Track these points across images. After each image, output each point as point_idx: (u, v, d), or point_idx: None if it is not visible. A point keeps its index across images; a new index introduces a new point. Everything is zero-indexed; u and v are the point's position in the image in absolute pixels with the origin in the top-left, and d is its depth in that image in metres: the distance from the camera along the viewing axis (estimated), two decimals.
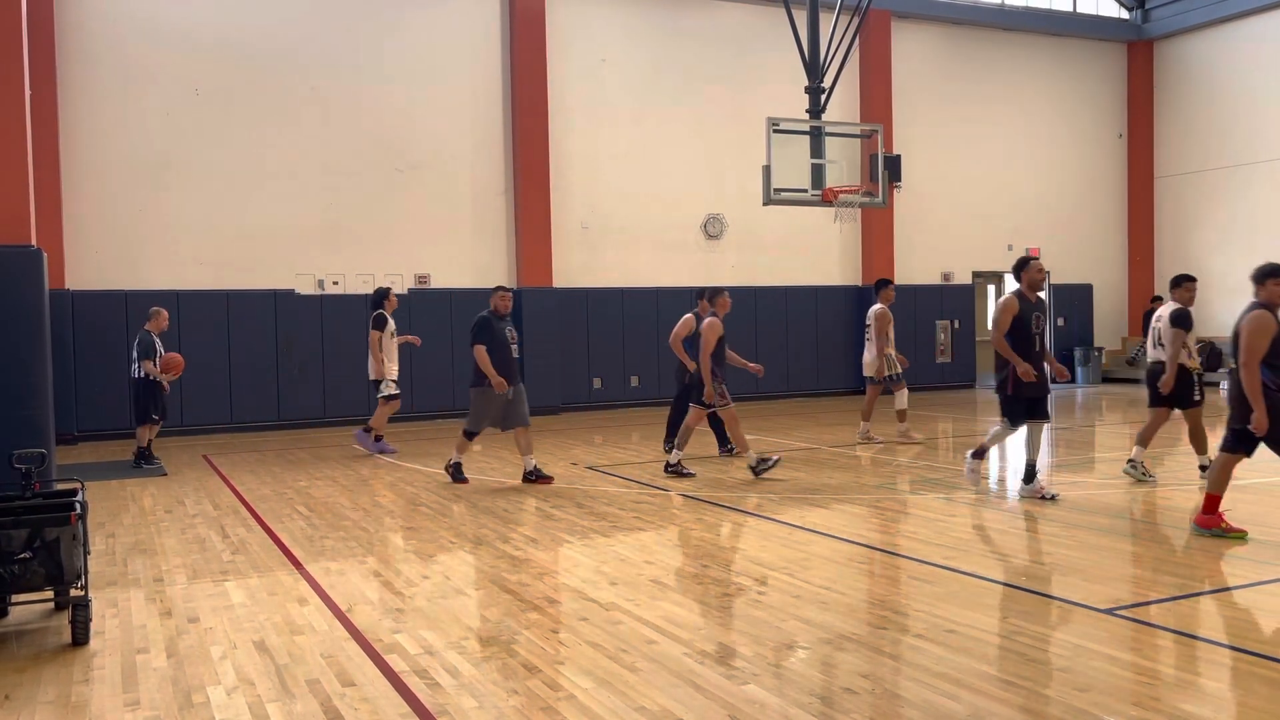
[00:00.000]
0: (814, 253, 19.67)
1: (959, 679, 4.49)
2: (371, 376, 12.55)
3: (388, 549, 7.39)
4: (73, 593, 5.40)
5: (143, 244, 15.19)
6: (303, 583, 6.47)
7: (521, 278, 17.19)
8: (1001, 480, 10.30)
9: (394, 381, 12.49)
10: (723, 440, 11.62)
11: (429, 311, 16.63)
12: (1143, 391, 10.03)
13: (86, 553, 5.53)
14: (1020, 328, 8.53)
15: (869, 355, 12.72)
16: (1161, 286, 22.45)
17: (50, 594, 5.51)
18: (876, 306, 12.67)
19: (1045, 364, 8.84)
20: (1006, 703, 4.20)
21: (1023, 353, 8.50)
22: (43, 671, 4.91)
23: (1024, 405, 8.61)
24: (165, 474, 11.40)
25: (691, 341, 11.04)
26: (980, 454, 9.02)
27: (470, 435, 10.15)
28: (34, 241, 10.02)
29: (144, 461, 11.88)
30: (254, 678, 4.74)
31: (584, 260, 17.83)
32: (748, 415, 16.33)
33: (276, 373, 15.66)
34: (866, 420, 12.84)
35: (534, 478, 10.05)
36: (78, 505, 5.48)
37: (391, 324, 12.52)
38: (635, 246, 18.18)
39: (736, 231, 18.89)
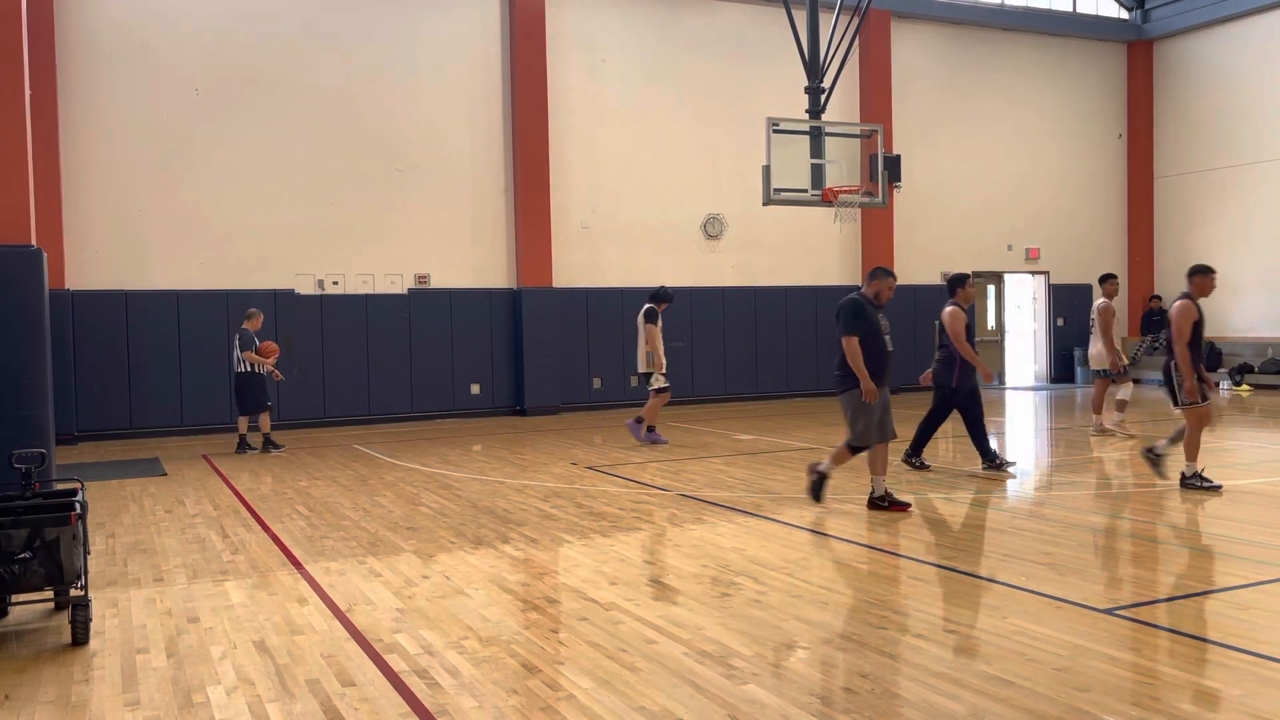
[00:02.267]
0: (814, 253, 19.67)
1: (959, 679, 4.49)
2: (641, 369, 12.84)
3: (388, 549, 7.39)
4: (73, 593, 5.40)
5: (143, 244, 15.19)
6: (303, 583, 6.47)
7: (521, 278, 17.19)
8: (1001, 480, 10.30)
9: (664, 375, 12.74)
10: (987, 454, 10.24)
11: (429, 311, 16.64)
12: (1142, 392, 10.03)
13: (86, 553, 5.53)
14: None
15: (1094, 349, 12.79)
16: (1161, 286, 22.48)
17: (50, 594, 5.51)
18: (1100, 301, 12.65)
19: None
20: (1006, 703, 4.20)
21: None
22: (43, 671, 4.91)
23: None
24: (255, 452, 12.97)
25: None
26: None
27: (858, 449, 8.24)
28: (34, 241, 10.03)
29: (272, 446, 13.07)
30: (254, 678, 4.74)
31: (584, 260, 17.83)
32: (745, 415, 16.36)
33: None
34: (1099, 414, 12.90)
35: (885, 504, 8.26)
36: (78, 505, 5.48)
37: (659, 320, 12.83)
38: (635, 246, 18.18)
39: (736, 231, 18.89)
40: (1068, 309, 21.98)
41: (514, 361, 17.19)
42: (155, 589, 6.41)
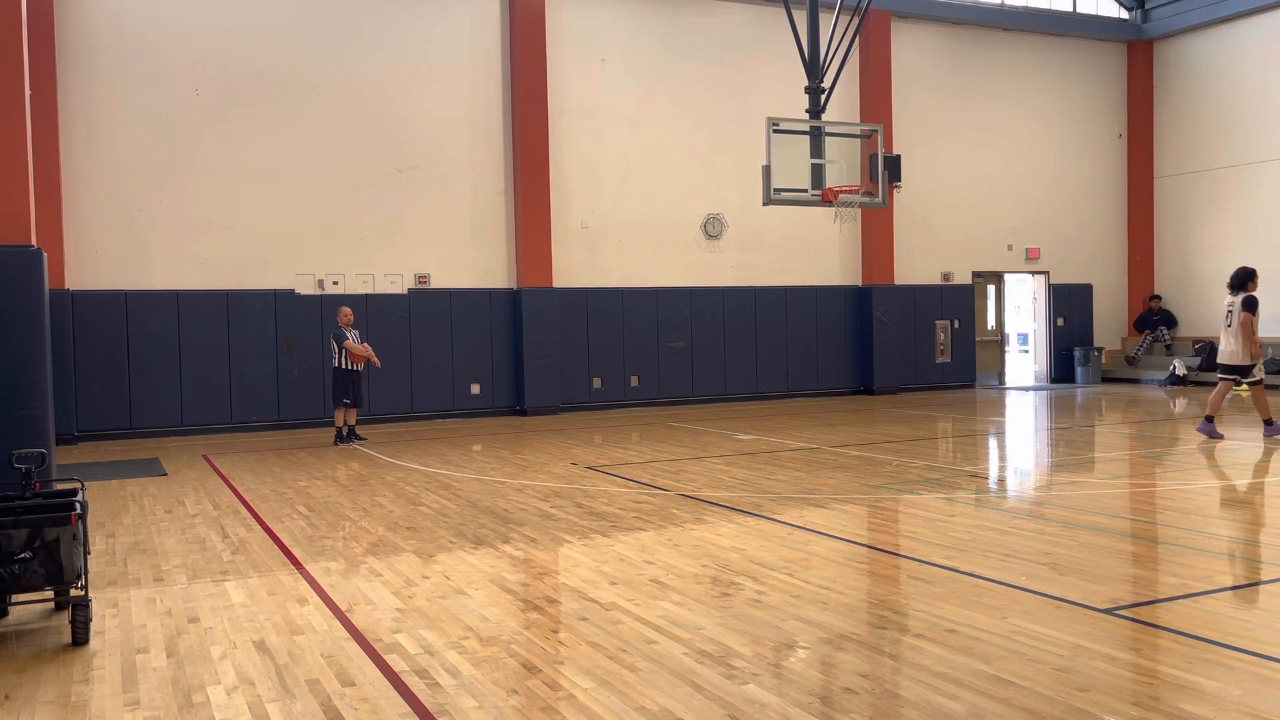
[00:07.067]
0: (814, 253, 19.68)
1: (959, 679, 4.49)
2: (1242, 361, 11.80)
3: (388, 549, 7.39)
4: (73, 593, 5.40)
5: (143, 244, 15.19)
6: (303, 583, 6.47)
7: (521, 278, 17.19)
8: (1001, 480, 10.30)
9: (1258, 366, 11.89)
10: None
11: (429, 311, 16.64)
12: (1142, 392, 10.00)
13: (86, 553, 5.53)
14: None
15: None
16: (1161, 286, 22.49)
17: (50, 594, 5.51)
18: None
19: None
20: (1006, 703, 4.20)
21: None
22: (43, 671, 4.91)
23: None
24: (362, 443, 13.38)
25: None
26: None
27: None
28: (34, 241, 10.02)
29: (346, 440, 13.50)
30: (254, 678, 4.74)
31: (584, 260, 17.83)
32: (745, 415, 16.37)
33: (276, 373, 15.66)
34: None
35: None
36: (78, 505, 5.47)
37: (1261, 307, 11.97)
38: (635, 246, 18.18)
39: (736, 231, 18.89)
40: (1067, 309, 21.98)
41: (514, 361, 17.19)
42: (155, 589, 6.41)
